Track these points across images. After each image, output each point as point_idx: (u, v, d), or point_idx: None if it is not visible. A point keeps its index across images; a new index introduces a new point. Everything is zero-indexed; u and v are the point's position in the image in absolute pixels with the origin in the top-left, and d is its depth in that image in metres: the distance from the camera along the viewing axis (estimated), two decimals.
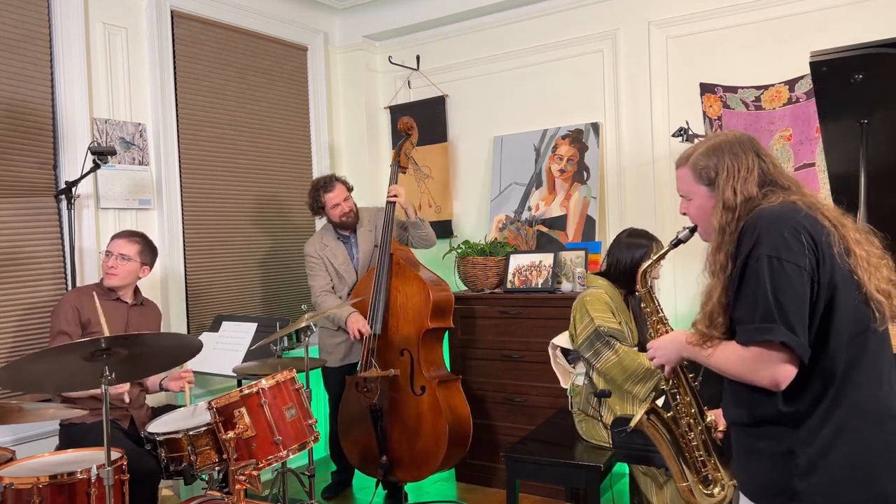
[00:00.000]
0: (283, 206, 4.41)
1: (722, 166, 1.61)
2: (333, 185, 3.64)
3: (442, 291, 3.50)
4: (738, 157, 1.60)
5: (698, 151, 1.67)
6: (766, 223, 1.49)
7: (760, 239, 1.48)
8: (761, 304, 1.45)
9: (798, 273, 1.43)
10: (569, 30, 4.11)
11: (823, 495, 1.44)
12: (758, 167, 1.59)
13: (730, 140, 1.64)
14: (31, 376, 2.11)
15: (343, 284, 3.68)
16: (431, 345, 3.49)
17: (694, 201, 1.69)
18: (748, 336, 1.47)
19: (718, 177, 1.61)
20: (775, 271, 1.44)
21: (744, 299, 1.49)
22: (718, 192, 1.60)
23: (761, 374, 1.46)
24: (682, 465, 1.79)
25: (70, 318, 2.82)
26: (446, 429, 3.29)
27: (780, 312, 1.43)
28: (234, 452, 2.37)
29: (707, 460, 1.77)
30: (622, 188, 3.97)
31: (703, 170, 1.64)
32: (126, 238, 2.96)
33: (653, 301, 1.87)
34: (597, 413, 2.83)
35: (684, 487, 1.79)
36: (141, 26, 3.63)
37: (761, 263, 1.46)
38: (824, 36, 3.30)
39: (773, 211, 1.52)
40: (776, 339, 1.42)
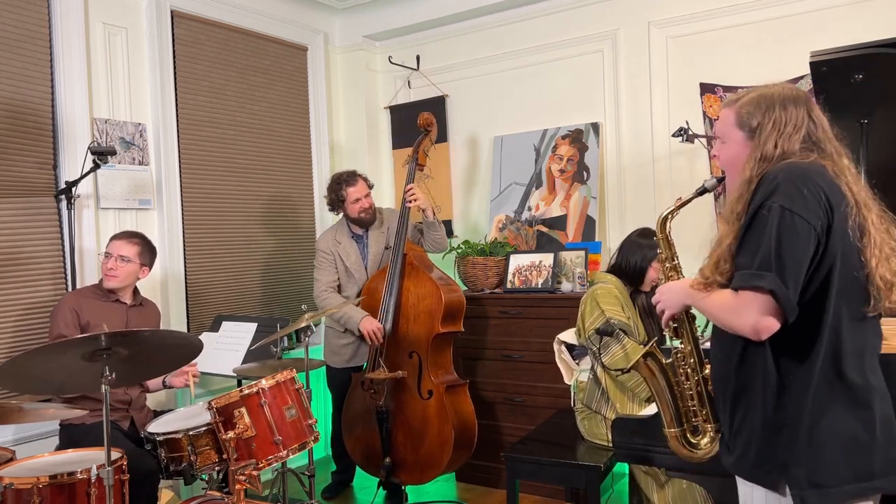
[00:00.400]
0: (284, 205, 4.41)
1: (769, 118, 1.55)
2: (356, 180, 3.62)
3: (454, 295, 3.45)
4: (788, 112, 1.55)
5: (748, 96, 1.61)
6: (787, 175, 1.46)
7: (779, 188, 1.44)
8: (762, 251, 1.42)
9: (807, 230, 1.41)
10: (569, 30, 4.11)
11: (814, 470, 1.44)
12: (806, 127, 1.55)
13: (784, 94, 1.58)
14: (31, 376, 2.11)
15: (353, 283, 3.66)
16: (441, 348, 3.46)
17: (728, 145, 1.64)
18: (741, 281, 1.45)
19: (762, 127, 1.55)
20: (785, 223, 1.41)
21: (747, 246, 1.47)
22: (759, 142, 1.55)
23: (744, 318, 1.44)
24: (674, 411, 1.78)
25: (69, 320, 2.82)
26: (452, 435, 3.27)
27: (778, 263, 1.40)
28: (234, 452, 2.37)
29: (699, 410, 1.76)
30: (622, 188, 3.97)
31: (748, 116, 1.58)
32: (125, 239, 2.95)
33: (669, 248, 1.83)
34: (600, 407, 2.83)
35: (672, 433, 1.78)
36: (141, 26, 3.63)
37: (773, 212, 1.43)
38: (824, 36, 3.30)
39: (798, 165, 1.48)
40: (766, 287, 1.40)
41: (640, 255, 2.85)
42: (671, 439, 1.79)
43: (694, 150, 3.66)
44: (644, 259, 2.84)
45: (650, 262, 2.83)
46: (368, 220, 3.66)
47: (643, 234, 2.91)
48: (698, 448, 1.77)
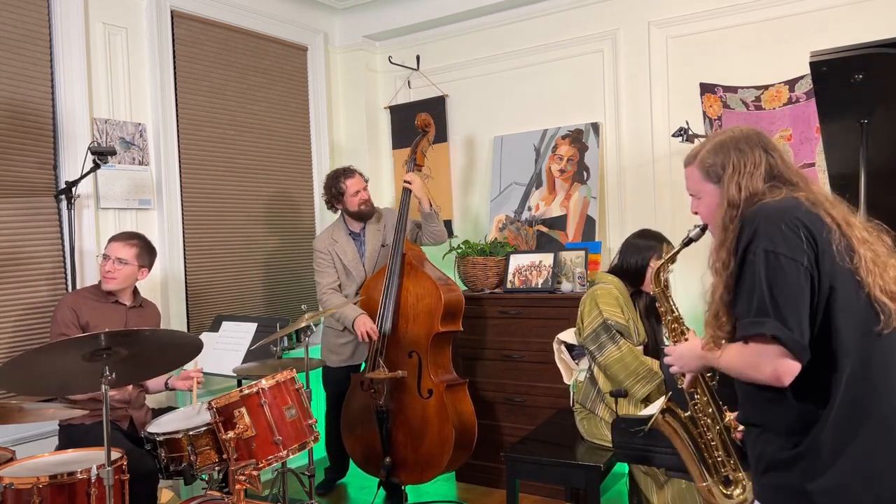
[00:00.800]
0: (284, 205, 4.41)
1: (728, 163, 1.58)
2: (353, 173, 3.66)
3: (453, 294, 3.46)
4: (745, 153, 1.58)
5: (705, 149, 1.65)
6: (763, 217, 1.48)
7: (758, 232, 1.46)
8: (756, 298, 1.43)
9: (794, 268, 1.41)
10: (569, 30, 4.11)
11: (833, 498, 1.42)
12: (765, 162, 1.57)
13: (736, 136, 1.62)
14: (32, 377, 2.11)
15: (351, 281, 3.67)
16: (440, 348, 3.46)
17: (703, 199, 1.66)
18: (743, 330, 1.46)
19: (724, 174, 1.58)
20: (771, 265, 1.42)
21: (742, 295, 1.47)
22: (724, 189, 1.58)
23: (762, 369, 1.43)
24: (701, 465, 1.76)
25: (68, 320, 2.81)
26: (453, 434, 3.28)
27: (774, 307, 1.40)
28: (234, 452, 2.37)
29: (726, 461, 1.74)
30: (622, 188, 3.97)
31: (711, 167, 1.62)
32: (123, 241, 2.93)
33: (667, 301, 1.85)
34: (594, 406, 2.84)
35: (704, 487, 1.76)
36: (141, 26, 3.63)
37: (758, 257, 1.44)
38: (824, 36, 3.30)
39: (772, 205, 1.50)
40: (767, 333, 1.40)
41: (639, 256, 2.86)
42: (704, 493, 1.77)
43: None
44: (643, 259, 2.85)
45: (648, 262, 2.84)
46: (368, 212, 3.68)
47: (641, 235, 2.93)
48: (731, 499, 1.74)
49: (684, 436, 1.78)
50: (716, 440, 1.74)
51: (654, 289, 1.86)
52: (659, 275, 1.86)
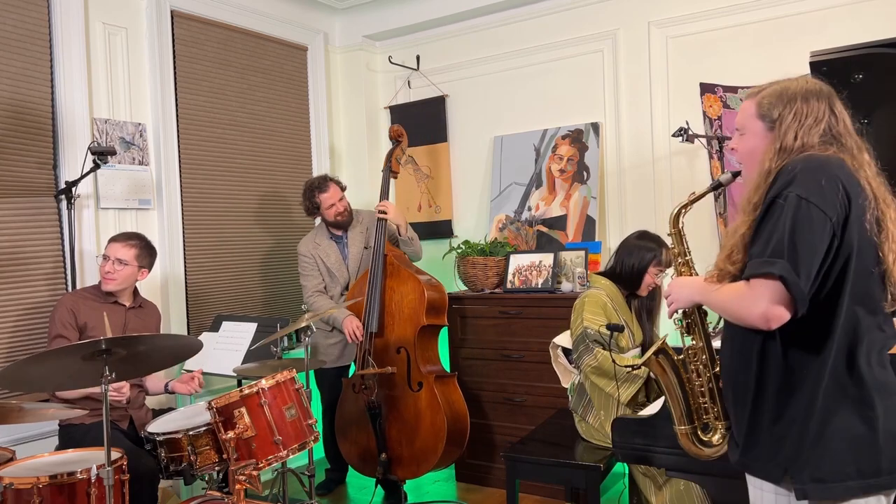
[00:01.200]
0: (284, 205, 4.41)
1: (790, 110, 1.54)
2: (327, 186, 3.68)
3: (435, 289, 3.53)
4: (810, 104, 1.54)
5: (771, 88, 1.60)
6: (805, 166, 1.45)
7: (797, 178, 1.43)
8: (776, 239, 1.41)
9: (822, 221, 1.39)
10: (569, 30, 4.11)
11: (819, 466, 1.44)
12: (826, 120, 1.53)
13: (806, 86, 1.57)
14: (31, 378, 2.11)
15: (335, 283, 3.70)
16: (427, 342, 3.51)
17: (746, 137, 1.62)
18: (751, 269, 1.44)
19: (782, 119, 1.54)
20: (801, 212, 1.40)
21: (761, 234, 1.45)
22: (779, 133, 1.53)
23: (754, 308, 1.42)
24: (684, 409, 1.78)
25: (66, 321, 2.81)
26: (445, 424, 3.30)
27: (791, 251, 1.38)
28: (234, 452, 2.37)
29: (710, 408, 1.76)
30: (622, 188, 3.97)
31: (769, 107, 1.57)
32: (123, 242, 2.92)
33: (681, 243, 1.82)
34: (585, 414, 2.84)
35: (683, 431, 1.77)
36: (141, 26, 3.63)
37: (789, 201, 1.41)
38: (824, 36, 3.30)
39: (816, 157, 1.47)
40: (776, 272, 1.38)
41: (638, 258, 2.82)
42: (681, 437, 1.79)
43: (694, 150, 3.66)
44: (642, 261, 2.81)
45: (648, 266, 2.81)
46: (345, 222, 3.72)
47: (642, 237, 2.89)
48: (709, 445, 1.76)
49: (672, 377, 1.78)
50: (703, 387, 1.76)
51: (671, 230, 1.83)
52: (679, 217, 1.83)
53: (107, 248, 2.94)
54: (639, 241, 2.87)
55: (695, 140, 3.45)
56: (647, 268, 2.81)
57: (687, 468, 2.21)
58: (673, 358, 1.79)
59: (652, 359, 1.79)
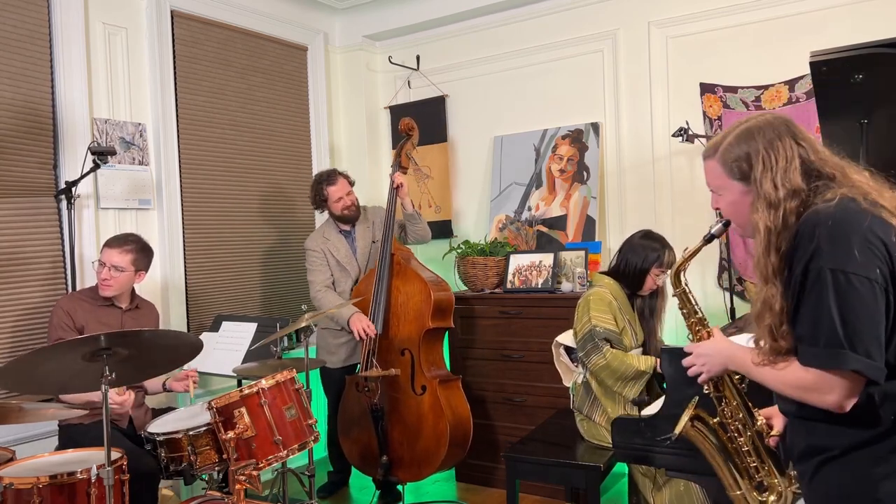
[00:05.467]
0: (284, 205, 4.41)
1: (756, 157, 1.41)
2: (336, 179, 3.66)
3: (442, 291, 3.50)
4: (774, 145, 1.41)
5: (727, 141, 1.48)
6: (825, 229, 1.31)
7: (821, 248, 1.30)
8: (826, 324, 1.28)
9: (868, 287, 1.27)
10: (569, 30, 4.11)
11: None
12: (797, 154, 1.40)
13: (761, 125, 1.45)
14: (32, 377, 2.11)
15: (346, 276, 3.68)
16: (432, 345, 3.49)
17: (725, 197, 1.51)
18: (813, 360, 1.32)
19: (753, 170, 1.42)
20: (841, 287, 1.27)
21: (805, 316, 1.33)
22: (756, 186, 1.41)
23: (824, 399, 1.32)
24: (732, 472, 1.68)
25: (65, 323, 2.81)
26: (447, 429, 3.29)
27: (848, 335, 1.26)
28: (234, 452, 2.37)
29: (760, 466, 1.65)
30: (622, 188, 3.97)
31: (735, 163, 1.45)
32: (118, 248, 2.87)
33: (689, 302, 1.72)
34: (591, 413, 2.84)
35: (738, 496, 1.68)
36: (141, 26, 3.63)
37: (823, 277, 1.28)
38: (824, 36, 3.30)
39: (831, 214, 1.32)
40: (849, 368, 1.27)
41: (642, 258, 2.81)
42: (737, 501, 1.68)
43: (694, 150, 3.66)
44: (645, 261, 2.81)
45: (651, 266, 2.80)
46: (352, 216, 3.70)
47: (646, 237, 2.88)
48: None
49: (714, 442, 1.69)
50: (747, 446, 1.65)
51: (675, 289, 1.75)
52: (679, 274, 1.73)
53: (102, 253, 2.90)
54: (643, 240, 2.86)
55: (695, 140, 3.45)
56: (650, 268, 2.81)
57: (687, 468, 2.21)
58: (709, 422, 1.69)
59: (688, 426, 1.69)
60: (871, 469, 1.33)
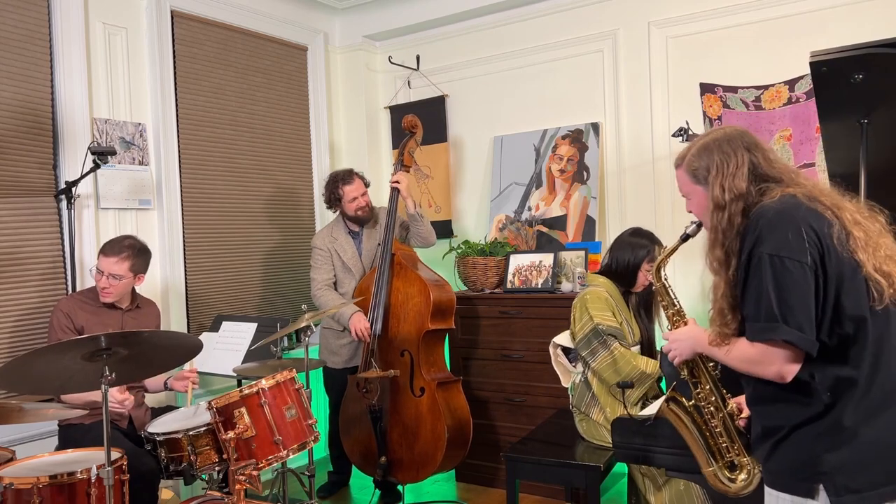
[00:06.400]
0: (284, 205, 4.41)
1: (712, 165, 1.63)
2: (352, 179, 3.65)
3: (443, 292, 3.49)
4: (727, 155, 1.62)
5: (691, 152, 1.70)
6: (766, 221, 1.51)
7: (762, 236, 1.50)
8: (764, 302, 1.48)
9: (800, 269, 1.45)
10: (569, 30, 4.11)
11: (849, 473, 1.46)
12: (748, 162, 1.61)
13: (719, 137, 1.66)
14: (31, 377, 2.11)
15: (350, 278, 3.69)
16: (432, 346, 3.48)
17: (694, 200, 1.72)
18: (753, 334, 1.51)
19: (709, 177, 1.63)
20: (776, 269, 1.47)
21: (749, 297, 1.52)
22: (709, 191, 1.63)
23: (767, 369, 1.51)
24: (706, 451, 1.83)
25: (64, 325, 2.81)
26: (445, 431, 3.28)
27: (783, 310, 1.45)
28: (234, 452, 2.37)
29: (731, 446, 1.81)
30: (622, 188, 3.97)
31: (696, 171, 1.67)
32: (115, 256, 2.84)
33: (668, 295, 1.90)
34: (589, 410, 2.84)
35: (710, 472, 1.82)
36: (141, 26, 3.63)
37: (763, 262, 1.48)
38: (824, 36, 3.30)
39: (772, 207, 1.53)
40: (778, 338, 1.46)
41: (632, 254, 2.84)
42: (709, 477, 1.84)
43: None
44: (635, 258, 2.83)
45: (641, 262, 2.83)
46: (364, 217, 3.70)
47: (635, 234, 2.91)
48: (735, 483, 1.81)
49: (689, 423, 1.84)
50: (720, 427, 1.81)
51: (656, 283, 1.90)
52: (659, 270, 1.90)
53: (99, 261, 2.87)
54: (632, 238, 2.90)
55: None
56: (641, 265, 2.83)
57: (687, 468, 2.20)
58: (685, 404, 1.85)
59: (664, 407, 1.85)
60: (815, 445, 1.50)
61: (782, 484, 1.56)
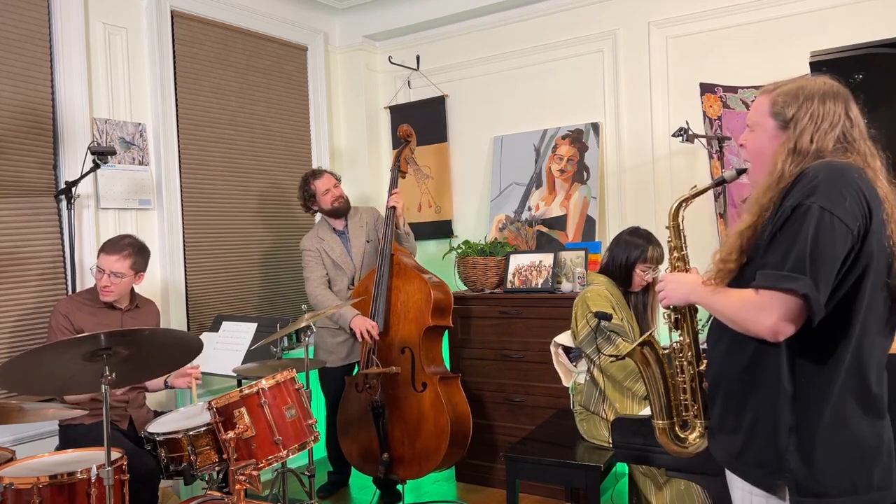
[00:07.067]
0: (284, 205, 4.41)
1: (807, 111, 1.49)
2: (321, 174, 3.74)
3: (442, 290, 3.52)
4: (826, 107, 1.49)
5: (787, 86, 1.55)
6: (827, 175, 1.40)
7: (819, 187, 1.38)
8: (797, 252, 1.36)
9: (845, 233, 1.35)
10: (569, 30, 4.11)
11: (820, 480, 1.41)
12: (842, 125, 1.49)
13: (824, 88, 1.52)
14: (31, 377, 2.11)
15: (342, 275, 3.71)
16: (432, 343, 3.51)
17: (756, 134, 1.58)
18: (768, 281, 1.39)
19: (797, 119, 1.50)
20: (824, 224, 1.35)
21: (778, 245, 1.40)
22: (793, 133, 1.49)
23: (763, 320, 1.39)
24: (664, 403, 1.76)
25: (63, 326, 2.80)
26: (448, 425, 3.30)
27: (813, 266, 1.34)
28: (234, 452, 2.37)
29: (691, 405, 1.73)
30: (622, 188, 3.97)
31: (784, 106, 1.52)
32: (116, 255, 2.84)
33: (678, 237, 1.77)
34: (598, 408, 2.83)
35: (660, 425, 1.76)
36: (141, 26, 3.63)
37: (811, 213, 1.36)
38: (824, 36, 3.30)
39: (838, 166, 1.42)
40: (800, 290, 1.34)
41: (626, 254, 2.85)
42: (659, 432, 1.77)
43: (694, 150, 3.66)
44: (629, 258, 2.84)
45: (635, 262, 2.82)
46: (343, 207, 3.74)
47: (633, 233, 2.91)
48: (685, 443, 1.75)
49: (656, 370, 1.77)
50: (686, 384, 1.73)
51: (670, 223, 1.78)
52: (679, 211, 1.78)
53: (99, 259, 2.87)
54: (629, 237, 2.90)
55: (695, 140, 3.45)
56: (635, 264, 2.83)
57: (687, 468, 2.20)
58: (658, 351, 1.78)
59: (637, 349, 1.78)
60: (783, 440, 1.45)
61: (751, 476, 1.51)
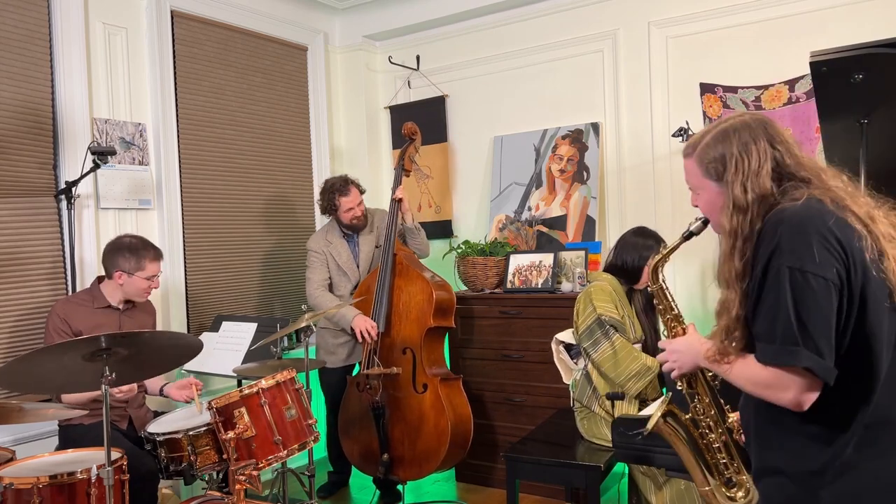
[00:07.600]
0: (284, 205, 4.41)
1: (730, 159, 1.42)
2: (349, 190, 3.64)
3: (444, 291, 3.52)
4: (748, 148, 1.42)
5: (704, 141, 1.49)
6: (787, 228, 1.32)
7: (781, 246, 1.31)
8: (782, 322, 1.30)
9: (824, 287, 1.28)
10: (569, 30, 4.11)
11: None
12: (771, 158, 1.41)
13: (738, 126, 1.45)
14: (31, 377, 2.11)
15: (346, 281, 3.70)
16: (433, 344, 3.51)
17: (703, 195, 1.53)
18: (769, 357, 1.34)
19: (727, 171, 1.43)
20: (798, 285, 1.28)
21: (763, 314, 1.34)
22: (728, 188, 1.42)
23: (783, 395, 1.33)
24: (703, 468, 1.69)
25: (60, 328, 2.79)
26: (449, 427, 3.29)
27: (804, 333, 1.28)
28: (234, 452, 2.37)
29: (729, 463, 1.66)
30: (622, 188, 3.97)
31: (711, 164, 1.46)
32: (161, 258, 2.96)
33: (666, 298, 1.73)
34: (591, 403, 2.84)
35: (706, 492, 1.69)
36: (141, 26, 3.63)
37: (782, 275, 1.30)
38: (824, 36, 3.30)
39: (795, 213, 1.34)
40: (801, 365, 1.28)
41: (637, 255, 2.86)
42: (707, 497, 1.69)
43: None
44: (640, 258, 2.85)
45: (646, 261, 2.84)
46: (359, 226, 3.71)
47: (639, 233, 2.92)
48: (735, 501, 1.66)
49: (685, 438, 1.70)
50: (718, 442, 1.67)
51: (652, 285, 1.75)
52: (657, 271, 1.75)
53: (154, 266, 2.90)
54: (636, 237, 2.91)
55: None
56: (646, 263, 2.84)
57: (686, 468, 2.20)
58: (681, 418, 1.70)
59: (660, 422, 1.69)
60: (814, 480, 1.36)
61: None
